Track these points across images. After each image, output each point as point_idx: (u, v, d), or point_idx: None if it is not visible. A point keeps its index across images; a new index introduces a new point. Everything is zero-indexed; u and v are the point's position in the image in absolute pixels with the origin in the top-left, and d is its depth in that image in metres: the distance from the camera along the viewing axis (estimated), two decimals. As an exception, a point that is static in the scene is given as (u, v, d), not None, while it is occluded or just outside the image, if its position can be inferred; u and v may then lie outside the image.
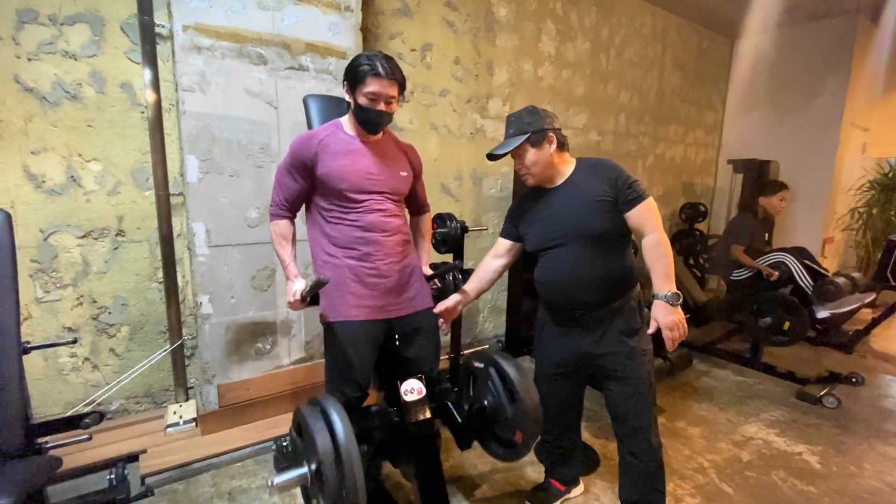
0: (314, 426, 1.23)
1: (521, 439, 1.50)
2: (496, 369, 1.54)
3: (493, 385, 1.55)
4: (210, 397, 2.18)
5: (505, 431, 1.56)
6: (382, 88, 1.40)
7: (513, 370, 1.50)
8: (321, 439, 1.19)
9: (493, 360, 1.56)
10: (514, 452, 1.57)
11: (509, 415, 1.50)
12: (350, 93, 1.45)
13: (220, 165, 2.07)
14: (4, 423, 1.28)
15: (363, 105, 1.42)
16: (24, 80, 1.87)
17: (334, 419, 1.23)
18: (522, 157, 1.47)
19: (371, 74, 1.38)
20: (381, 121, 1.47)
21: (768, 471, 2.08)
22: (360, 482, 1.16)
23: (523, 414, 1.46)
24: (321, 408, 1.28)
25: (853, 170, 5.06)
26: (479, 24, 3.13)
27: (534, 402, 1.47)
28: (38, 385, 2.01)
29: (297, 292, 1.46)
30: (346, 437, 1.20)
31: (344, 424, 1.23)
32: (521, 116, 1.46)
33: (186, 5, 1.92)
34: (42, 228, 1.96)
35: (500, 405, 1.53)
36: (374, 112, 1.43)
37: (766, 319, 3.02)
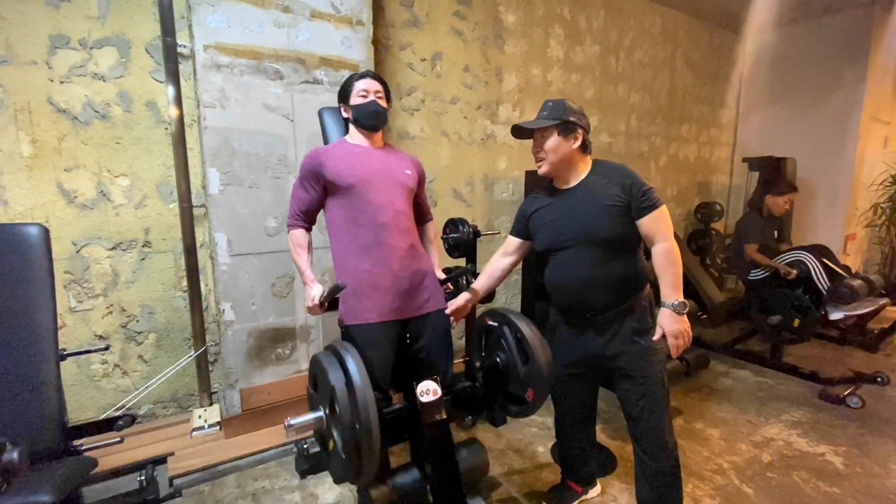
0: (328, 365, 1.27)
1: (532, 397, 1.50)
2: (510, 328, 1.53)
3: (506, 343, 1.54)
4: (233, 401, 2.25)
5: (517, 389, 1.54)
6: (369, 85, 1.61)
7: (527, 329, 1.49)
8: (334, 375, 1.24)
9: (507, 318, 1.55)
10: (525, 409, 1.55)
11: (522, 373, 1.49)
12: (345, 105, 1.63)
13: (240, 177, 2.15)
14: (44, 426, 1.36)
15: (358, 104, 1.59)
16: (57, 101, 1.98)
17: (347, 358, 1.27)
18: (545, 139, 1.47)
19: (357, 79, 1.62)
20: (377, 108, 1.60)
21: (790, 472, 2.05)
22: (373, 413, 1.19)
23: (537, 373, 1.46)
24: (334, 350, 1.33)
25: (875, 164, 4.93)
26: (487, 31, 3.18)
27: (547, 361, 1.45)
28: (72, 391, 2.11)
29: (315, 297, 1.52)
30: (359, 372, 1.23)
31: (356, 362, 1.26)
32: (560, 105, 1.47)
33: (206, 26, 2.01)
34: (74, 241, 2.07)
35: (512, 363, 1.52)
36: (369, 103, 1.59)
37: (776, 317, 3.01)
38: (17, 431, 1.28)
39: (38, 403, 1.34)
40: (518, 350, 1.51)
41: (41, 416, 1.34)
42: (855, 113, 4.53)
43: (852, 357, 3.35)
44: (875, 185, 4.93)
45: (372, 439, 1.18)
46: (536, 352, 1.46)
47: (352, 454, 1.22)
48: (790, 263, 3.12)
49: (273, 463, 2.09)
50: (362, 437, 1.18)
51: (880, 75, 4.62)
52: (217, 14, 2.02)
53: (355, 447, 1.21)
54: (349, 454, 1.22)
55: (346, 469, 1.26)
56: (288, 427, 1.26)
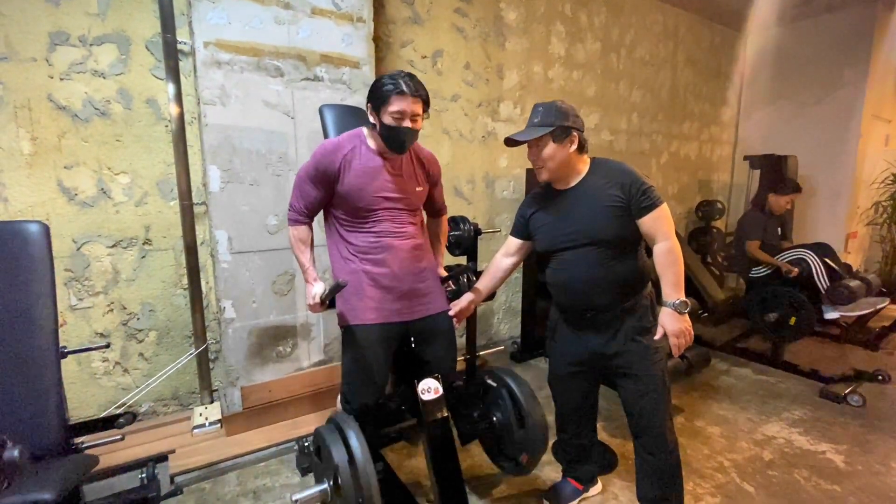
0: (331, 441, 1.32)
1: (526, 461, 1.58)
2: (508, 391, 1.60)
3: (503, 404, 1.61)
4: (234, 399, 2.25)
5: (511, 450, 1.63)
6: (407, 106, 1.40)
7: (524, 394, 1.55)
8: (337, 453, 1.29)
9: (505, 381, 1.61)
10: (519, 470, 1.65)
11: (517, 437, 1.57)
12: (374, 113, 1.45)
13: (241, 175, 2.15)
14: (45, 424, 1.36)
15: (389, 124, 1.42)
16: (57, 98, 1.97)
17: (349, 434, 1.32)
18: (541, 148, 1.44)
19: (396, 93, 1.39)
20: (408, 139, 1.47)
21: (791, 470, 2.05)
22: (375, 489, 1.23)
23: (532, 438, 1.53)
24: (337, 425, 1.37)
25: (876, 162, 4.93)
26: (488, 28, 3.17)
27: (542, 427, 1.52)
28: (73, 388, 2.11)
29: (316, 295, 1.51)
30: (361, 449, 1.29)
31: (358, 438, 1.31)
32: (551, 109, 1.43)
33: (207, 22, 2.00)
34: (75, 239, 2.06)
35: (508, 425, 1.60)
36: (401, 130, 1.42)
37: (773, 314, 3.04)
38: (17, 429, 1.27)
39: (39, 401, 1.34)
40: (515, 414, 1.58)
41: (42, 414, 1.34)
42: (856, 111, 4.52)
43: (853, 355, 3.35)
44: (876, 184, 4.93)
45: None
46: (532, 417, 1.53)
47: None
48: (792, 261, 3.12)
49: (274, 460, 2.09)
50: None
51: (882, 73, 4.61)
52: (217, 10, 2.01)
53: None
54: None
55: None
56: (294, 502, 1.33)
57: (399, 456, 2.12)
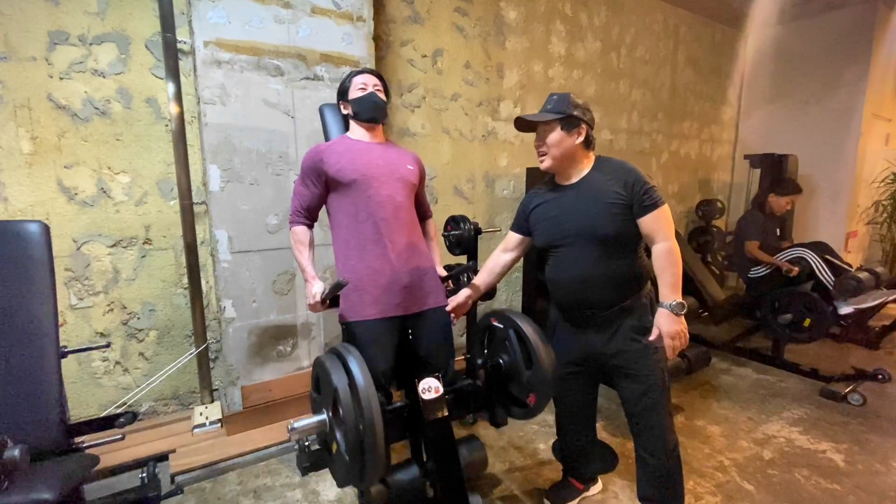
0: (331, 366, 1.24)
1: (534, 402, 1.50)
2: (515, 331, 1.52)
3: (510, 346, 1.53)
4: (234, 399, 2.25)
5: (519, 392, 1.54)
6: (367, 79, 1.61)
7: (532, 333, 1.47)
8: (337, 377, 1.21)
9: (513, 321, 1.53)
10: (527, 412, 1.55)
11: (525, 378, 1.49)
12: (345, 102, 1.64)
13: (241, 174, 2.15)
14: (45, 423, 1.35)
15: (357, 97, 1.59)
16: (57, 98, 1.97)
17: (349, 359, 1.25)
18: (547, 133, 1.45)
19: (355, 74, 1.62)
20: (376, 100, 1.60)
21: (791, 469, 2.05)
22: (377, 414, 1.16)
23: (540, 378, 1.45)
24: (336, 352, 1.30)
25: (876, 162, 4.93)
26: (488, 27, 3.17)
27: (551, 367, 1.44)
28: (73, 388, 2.11)
29: (316, 294, 1.52)
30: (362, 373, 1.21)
31: (359, 362, 1.24)
32: (565, 99, 1.45)
33: (207, 22, 2.00)
34: (75, 238, 2.06)
35: (516, 366, 1.51)
36: (368, 94, 1.59)
37: (787, 316, 2.98)
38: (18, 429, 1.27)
39: (40, 401, 1.34)
40: (522, 354, 1.50)
41: (42, 414, 1.34)
42: (857, 110, 4.52)
43: (853, 354, 3.35)
44: (876, 183, 4.93)
45: (376, 440, 1.16)
46: (541, 357, 1.44)
47: (356, 456, 1.20)
48: (791, 260, 3.11)
49: (274, 460, 2.09)
50: (366, 438, 1.16)
51: (882, 72, 4.61)
52: (217, 10, 2.01)
53: (359, 449, 1.19)
54: (353, 456, 1.21)
55: (349, 472, 1.25)
56: (291, 430, 1.25)
57: (400, 455, 2.12)
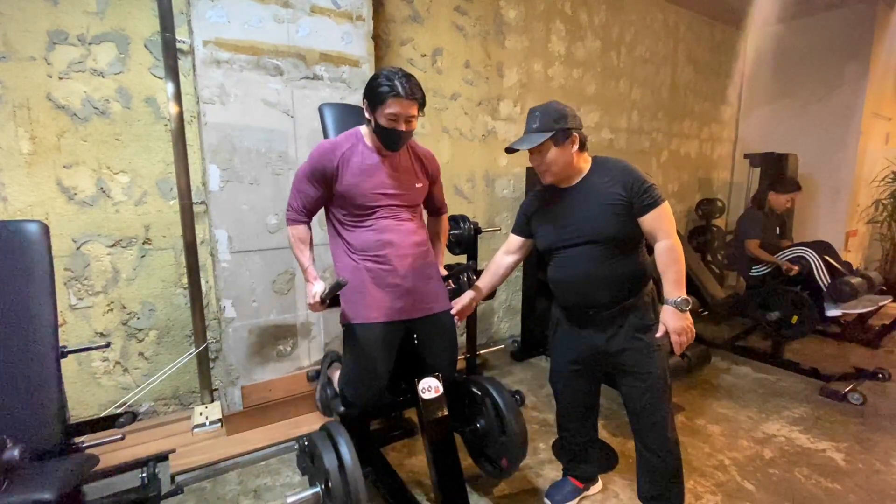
0: (322, 448, 1.41)
1: (506, 465, 1.66)
2: (490, 400, 1.68)
3: (486, 412, 1.69)
4: (234, 398, 2.24)
5: (493, 453, 1.71)
6: (402, 109, 1.40)
7: (504, 403, 1.64)
8: (328, 459, 1.38)
9: (487, 390, 1.69)
10: (499, 473, 1.74)
11: (498, 442, 1.65)
12: (370, 111, 1.46)
13: (241, 174, 2.14)
14: (44, 423, 1.35)
15: (383, 125, 1.44)
16: (56, 97, 1.96)
17: (339, 441, 1.42)
18: (544, 154, 1.43)
19: (391, 96, 1.38)
20: (401, 141, 1.49)
21: (791, 468, 2.05)
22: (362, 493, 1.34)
23: (511, 444, 1.62)
24: (328, 433, 1.46)
25: (877, 161, 4.92)
26: (488, 27, 3.16)
27: (521, 435, 1.62)
28: (73, 388, 2.11)
29: (316, 294, 1.51)
30: (350, 456, 1.38)
31: (348, 445, 1.40)
32: (549, 112, 1.42)
33: (206, 21, 1.99)
34: (75, 238, 2.06)
35: (491, 431, 1.68)
36: (395, 132, 1.45)
37: (775, 313, 3.02)
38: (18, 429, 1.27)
39: (39, 401, 1.34)
40: (496, 421, 1.66)
41: (42, 414, 1.34)
42: (857, 109, 4.51)
43: (853, 353, 3.35)
44: (876, 182, 4.93)
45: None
46: (512, 426, 1.61)
47: None
48: (791, 260, 3.12)
49: (274, 460, 2.09)
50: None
51: (882, 71, 4.60)
52: (216, 9, 2.01)
53: None
54: None
55: None
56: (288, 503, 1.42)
57: (400, 455, 2.12)
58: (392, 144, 1.50)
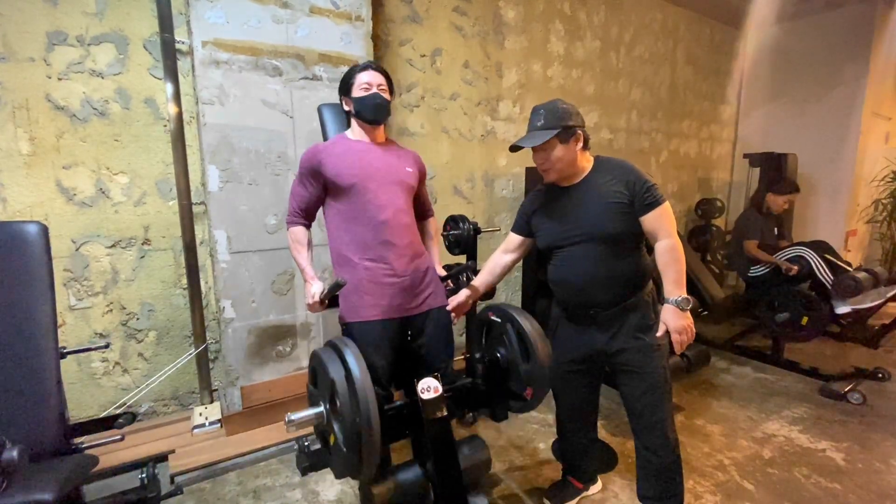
0: (327, 359, 1.26)
1: (531, 396, 1.51)
2: (513, 325, 1.53)
3: (508, 340, 1.54)
4: (234, 399, 2.25)
5: (517, 386, 1.56)
6: (372, 77, 1.55)
7: (529, 327, 1.49)
8: (334, 369, 1.23)
9: (510, 315, 1.54)
10: (524, 406, 1.57)
11: (522, 372, 1.50)
12: (347, 98, 1.58)
13: (240, 174, 2.15)
14: (44, 424, 1.35)
15: (360, 96, 1.54)
16: (56, 98, 1.97)
17: (346, 352, 1.27)
18: (548, 151, 1.43)
19: (359, 70, 1.56)
20: (380, 101, 1.55)
21: (791, 468, 2.05)
22: (373, 405, 1.18)
23: (537, 372, 1.47)
24: (333, 345, 1.32)
25: (876, 160, 4.92)
26: (487, 27, 3.16)
27: (548, 360, 1.46)
28: (73, 389, 2.11)
29: (315, 294, 1.52)
30: (358, 366, 1.23)
31: (355, 355, 1.26)
32: (554, 110, 1.41)
33: (205, 22, 2.00)
34: (74, 239, 2.06)
35: (514, 360, 1.52)
36: (371, 96, 1.54)
37: (784, 315, 2.98)
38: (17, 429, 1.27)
39: (39, 401, 1.34)
40: (520, 347, 1.51)
41: (42, 414, 1.34)
42: (856, 108, 4.51)
43: (853, 353, 3.36)
44: (876, 181, 4.93)
45: (373, 431, 1.18)
46: (538, 350, 1.46)
47: (353, 448, 1.21)
48: (791, 259, 3.11)
49: (274, 460, 2.09)
50: (363, 429, 1.18)
51: (882, 71, 4.60)
52: (215, 10, 2.01)
53: (356, 441, 1.20)
54: (350, 448, 1.22)
55: (347, 464, 1.26)
56: (288, 422, 1.25)
57: (400, 455, 2.12)
58: (374, 111, 1.56)
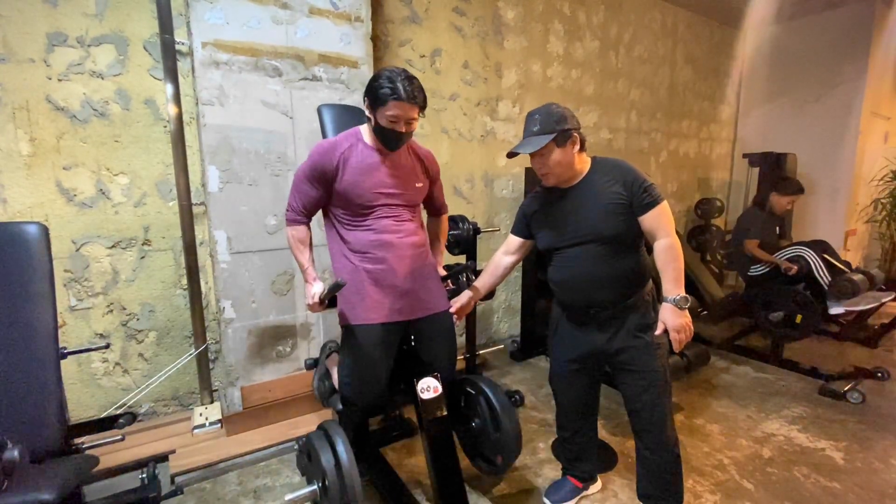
0: (319, 447, 1.44)
1: (501, 462, 1.68)
2: (484, 398, 1.69)
3: (480, 410, 1.70)
4: (234, 399, 2.25)
5: (488, 451, 1.72)
6: (403, 112, 1.40)
7: (497, 401, 1.65)
8: (325, 458, 1.40)
9: (481, 388, 1.70)
10: (494, 469, 1.75)
11: (493, 440, 1.66)
12: (371, 111, 1.46)
13: (240, 175, 2.15)
14: (44, 424, 1.35)
15: (384, 126, 1.44)
16: (56, 99, 1.97)
17: (336, 440, 1.44)
18: (546, 156, 1.42)
19: (392, 98, 1.38)
20: (401, 142, 1.50)
21: (790, 467, 2.05)
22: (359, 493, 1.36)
23: (505, 442, 1.63)
24: (325, 433, 1.49)
25: (875, 160, 4.93)
26: (486, 27, 3.17)
27: (515, 431, 1.63)
28: (73, 389, 2.11)
29: (315, 295, 1.51)
30: (346, 455, 1.40)
31: (344, 444, 1.43)
32: (549, 114, 1.41)
33: (205, 23, 2.00)
34: (74, 240, 2.06)
35: (486, 429, 1.69)
36: (395, 133, 1.45)
37: (778, 314, 3.00)
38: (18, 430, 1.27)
39: (39, 402, 1.34)
40: (490, 419, 1.67)
41: (42, 415, 1.34)
42: (855, 108, 4.52)
43: (852, 352, 3.36)
44: (875, 181, 4.93)
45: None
46: (505, 423, 1.63)
47: None
48: (790, 259, 3.12)
49: (274, 460, 2.09)
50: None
51: (881, 70, 4.61)
52: (215, 11, 2.01)
53: None
54: None
55: None
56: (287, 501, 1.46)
57: (399, 455, 2.13)
58: (391, 144, 1.50)
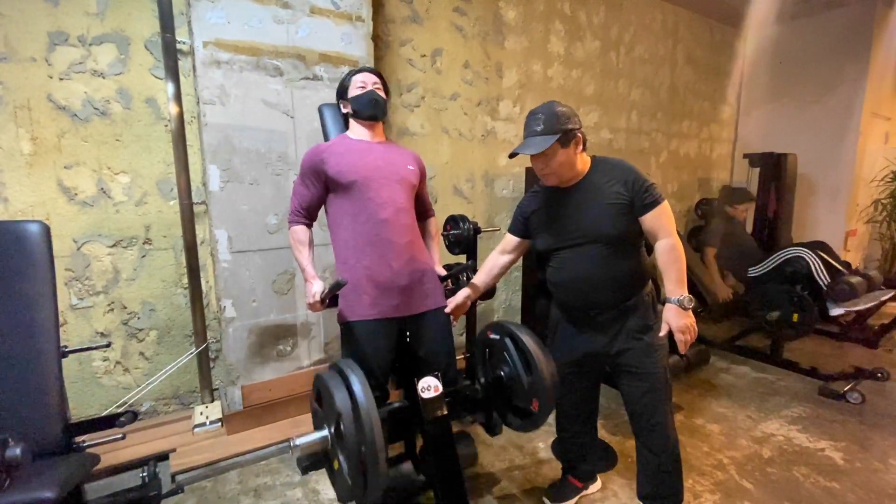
0: (333, 387, 1.25)
1: (537, 408, 1.50)
2: (512, 339, 1.53)
3: (509, 356, 1.54)
4: (234, 398, 2.25)
5: (522, 401, 1.55)
6: (366, 77, 1.62)
7: (529, 340, 1.49)
8: (340, 398, 1.22)
9: (509, 330, 1.55)
10: (531, 422, 1.56)
11: (526, 384, 1.49)
12: (344, 101, 1.64)
13: (241, 174, 2.15)
14: (46, 423, 1.36)
15: (356, 95, 1.60)
16: (57, 98, 1.97)
17: (352, 380, 1.26)
18: (550, 157, 1.39)
19: (354, 73, 1.64)
20: (375, 97, 1.61)
21: (790, 467, 2.05)
22: (378, 436, 1.17)
23: (540, 383, 1.46)
24: (339, 370, 1.31)
25: (876, 160, 4.92)
26: (487, 27, 3.17)
27: (550, 371, 1.46)
28: (74, 388, 2.11)
29: (315, 294, 1.52)
30: (364, 396, 1.22)
31: (362, 383, 1.25)
32: (553, 114, 1.37)
33: (206, 22, 2.00)
34: (75, 238, 2.07)
35: (516, 375, 1.52)
36: (367, 92, 1.60)
37: (775, 313, 3.02)
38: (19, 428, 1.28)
39: (40, 400, 1.35)
40: (521, 361, 1.51)
41: (43, 413, 1.35)
42: (856, 109, 4.52)
43: (852, 353, 3.36)
44: (876, 181, 4.93)
45: (378, 464, 1.16)
46: (539, 362, 1.45)
47: (357, 477, 1.21)
48: (790, 260, 3.13)
49: (275, 459, 2.10)
50: (369, 461, 1.17)
51: (881, 71, 4.60)
52: (216, 10, 2.01)
53: (361, 471, 1.20)
54: (354, 477, 1.21)
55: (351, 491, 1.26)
56: (293, 447, 1.26)
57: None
58: (370, 106, 1.60)
